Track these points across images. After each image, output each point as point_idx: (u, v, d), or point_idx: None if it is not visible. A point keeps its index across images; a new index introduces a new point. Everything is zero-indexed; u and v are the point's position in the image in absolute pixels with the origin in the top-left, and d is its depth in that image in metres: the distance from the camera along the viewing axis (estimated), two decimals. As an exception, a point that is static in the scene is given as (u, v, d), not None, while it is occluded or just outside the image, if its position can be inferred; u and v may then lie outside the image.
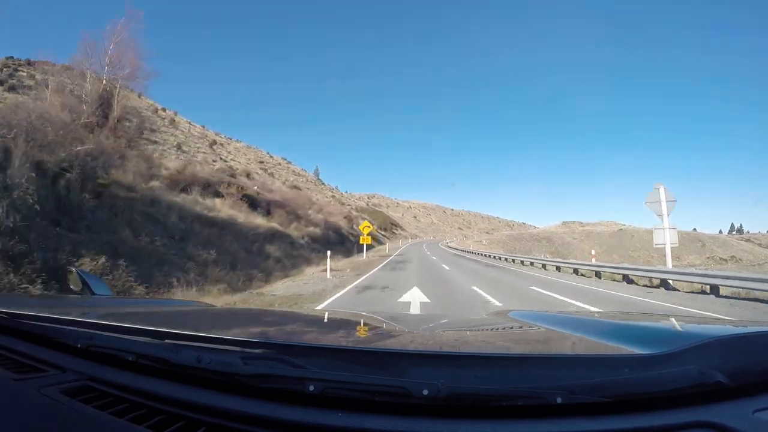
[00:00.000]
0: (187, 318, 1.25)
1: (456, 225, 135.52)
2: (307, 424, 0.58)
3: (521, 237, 62.66)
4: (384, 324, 1.31)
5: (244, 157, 44.30)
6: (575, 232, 68.56)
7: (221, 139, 45.46)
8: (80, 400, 0.65)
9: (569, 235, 64.56)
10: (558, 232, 69.45)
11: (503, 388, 0.60)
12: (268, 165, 49.76)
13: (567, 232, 67.93)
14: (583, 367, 0.65)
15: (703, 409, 0.59)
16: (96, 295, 1.46)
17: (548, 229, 78.18)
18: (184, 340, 0.75)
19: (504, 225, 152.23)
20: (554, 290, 9.39)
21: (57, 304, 1.36)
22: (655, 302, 7.70)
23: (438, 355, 0.74)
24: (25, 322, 0.90)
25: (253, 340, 0.76)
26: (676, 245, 10.75)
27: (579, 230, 70.62)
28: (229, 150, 42.43)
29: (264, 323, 1.30)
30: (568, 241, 60.81)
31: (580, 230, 70.79)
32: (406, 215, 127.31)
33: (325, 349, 0.75)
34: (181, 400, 0.65)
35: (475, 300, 7.60)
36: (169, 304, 1.93)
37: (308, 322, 1.37)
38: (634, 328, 1.01)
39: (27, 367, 0.77)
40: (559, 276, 14.00)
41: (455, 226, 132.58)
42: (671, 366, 0.61)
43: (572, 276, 13.94)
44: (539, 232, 70.66)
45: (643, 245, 60.60)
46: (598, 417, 0.58)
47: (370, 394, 0.60)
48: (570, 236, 64.05)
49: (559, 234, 66.03)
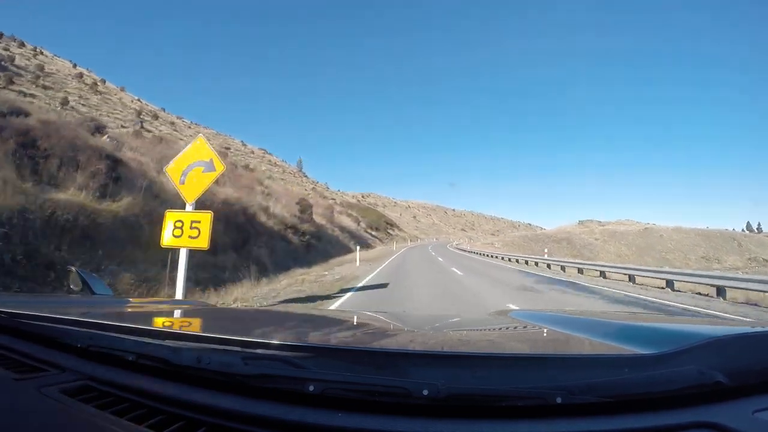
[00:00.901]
0: (187, 318, 1.25)
1: (458, 226, 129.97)
2: (307, 424, 0.58)
3: (537, 238, 57.13)
4: (384, 324, 1.32)
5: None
6: (595, 231, 64.10)
7: (166, 116, 42.29)
8: (80, 400, 0.65)
9: (589, 235, 60.01)
10: (576, 232, 64.40)
11: (503, 388, 0.60)
12: (237, 153, 46.14)
13: (586, 232, 63.40)
14: (582, 367, 0.65)
15: (703, 409, 0.59)
16: (96, 295, 1.46)
17: (564, 228, 72.63)
18: (184, 340, 0.75)
19: (509, 226, 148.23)
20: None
21: (57, 303, 1.35)
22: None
23: (438, 355, 0.74)
24: (25, 321, 0.90)
25: (253, 340, 0.76)
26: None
27: (599, 230, 65.84)
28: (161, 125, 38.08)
29: (264, 323, 1.30)
30: (589, 241, 56.30)
31: (600, 230, 65.91)
32: (405, 215, 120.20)
33: (325, 349, 0.75)
34: (181, 400, 0.65)
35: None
36: (169, 304, 1.93)
37: (308, 322, 1.37)
38: (633, 328, 1.01)
39: (27, 367, 0.77)
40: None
41: (458, 227, 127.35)
42: (671, 366, 0.61)
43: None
44: (555, 233, 64.43)
45: (676, 245, 56.15)
46: (598, 417, 0.58)
47: (370, 394, 0.60)
48: (590, 236, 59.41)
49: (578, 234, 60.92)
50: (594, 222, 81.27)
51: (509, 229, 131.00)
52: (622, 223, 78.45)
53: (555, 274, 15.62)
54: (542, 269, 17.92)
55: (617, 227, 69.11)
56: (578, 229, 69.27)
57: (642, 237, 57.92)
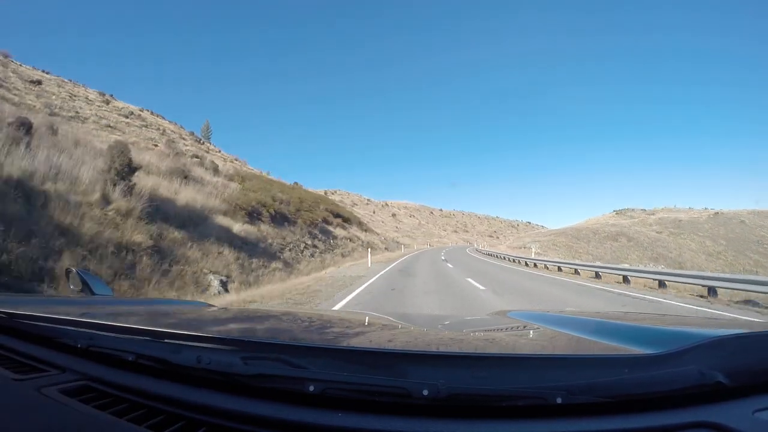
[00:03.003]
0: (187, 318, 1.25)
1: (449, 228, 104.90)
2: (307, 424, 0.58)
3: (580, 235, 44.00)
4: (384, 324, 1.31)
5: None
6: (648, 222, 51.06)
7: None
8: (80, 400, 0.65)
9: (643, 227, 47.22)
10: (624, 224, 50.96)
11: (503, 388, 0.60)
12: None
13: (637, 224, 50.32)
14: (582, 367, 0.65)
15: (703, 410, 0.59)
16: (96, 295, 1.46)
17: (598, 220, 58.86)
18: (184, 340, 0.75)
19: (507, 226, 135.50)
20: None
21: (57, 303, 1.35)
22: None
23: (438, 356, 0.74)
24: (25, 321, 0.90)
25: (253, 340, 0.76)
26: None
27: (652, 219, 52.28)
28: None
29: (264, 323, 1.30)
30: (653, 236, 43.82)
31: (655, 219, 52.31)
32: (381, 213, 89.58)
33: (325, 349, 0.75)
34: (181, 400, 0.65)
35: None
36: (169, 304, 1.93)
37: (308, 321, 1.37)
38: (633, 328, 1.01)
39: (27, 367, 0.77)
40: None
41: (449, 229, 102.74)
42: (671, 366, 0.61)
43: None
44: (598, 227, 49.31)
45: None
46: (598, 417, 0.58)
47: (370, 394, 0.60)
48: (646, 228, 46.76)
49: (631, 227, 47.88)
50: (637, 210, 65.74)
51: (508, 230, 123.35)
52: (674, 210, 62.08)
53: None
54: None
55: (675, 215, 55.00)
56: (621, 220, 55.23)
57: (721, 225, 44.25)
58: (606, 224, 53.06)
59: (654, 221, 51.85)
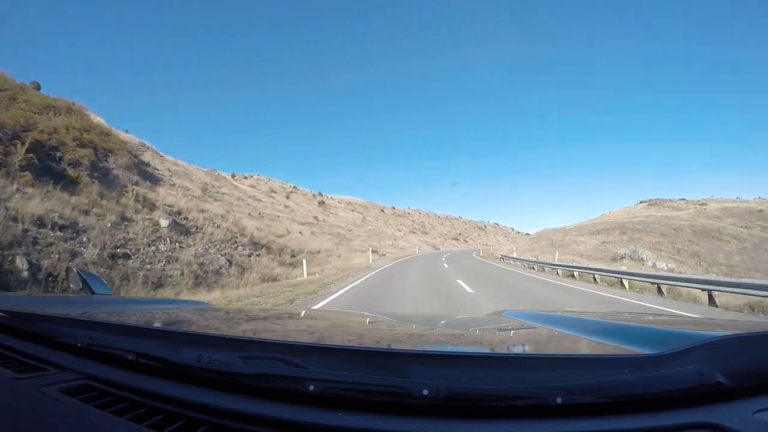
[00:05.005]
0: (187, 318, 1.25)
1: (405, 228, 78.01)
2: (307, 423, 0.58)
3: (628, 229, 34.34)
4: (384, 324, 1.31)
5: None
6: (713, 215, 40.46)
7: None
8: (80, 399, 0.65)
9: (707, 218, 38.06)
10: (682, 217, 39.46)
11: (503, 388, 0.60)
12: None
13: (708, 216, 39.96)
14: (582, 368, 0.65)
15: (703, 410, 0.59)
16: (96, 295, 1.46)
17: (628, 212, 47.92)
18: (184, 340, 0.75)
19: (473, 227, 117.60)
20: None
21: (57, 303, 1.35)
22: None
23: (438, 356, 0.74)
24: (25, 321, 0.91)
25: (253, 340, 0.76)
26: None
27: (714, 211, 41.17)
28: None
29: (264, 323, 1.30)
30: (730, 230, 34.57)
31: (718, 210, 41.48)
32: (308, 205, 49.45)
33: (325, 348, 0.75)
34: (181, 400, 0.65)
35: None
36: (169, 304, 1.93)
37: (308, 321, 1.37)
38: (633, 328, 1.00)
39: (27, 366, 0.77)
40: None
41: (406, 230, 75.21)
42: (671, 367, 0.61)
43: None
44: (638, 222, 37.32)
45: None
46: (598, 417, 0.58)
47: (370, 394, 0.60)
48: (712, 220, 37.15)
49: (687, 219, 37.86)
50: (676, 201, 53.20)
51: (474, 231, 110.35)
52: (719, 200, 48.48)
53: None
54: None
55: (732, 205, 42.92)
56: (657, 212, 44.03)
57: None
58: (638, 217, 40.89)
59: (719, 212, 40.96)
